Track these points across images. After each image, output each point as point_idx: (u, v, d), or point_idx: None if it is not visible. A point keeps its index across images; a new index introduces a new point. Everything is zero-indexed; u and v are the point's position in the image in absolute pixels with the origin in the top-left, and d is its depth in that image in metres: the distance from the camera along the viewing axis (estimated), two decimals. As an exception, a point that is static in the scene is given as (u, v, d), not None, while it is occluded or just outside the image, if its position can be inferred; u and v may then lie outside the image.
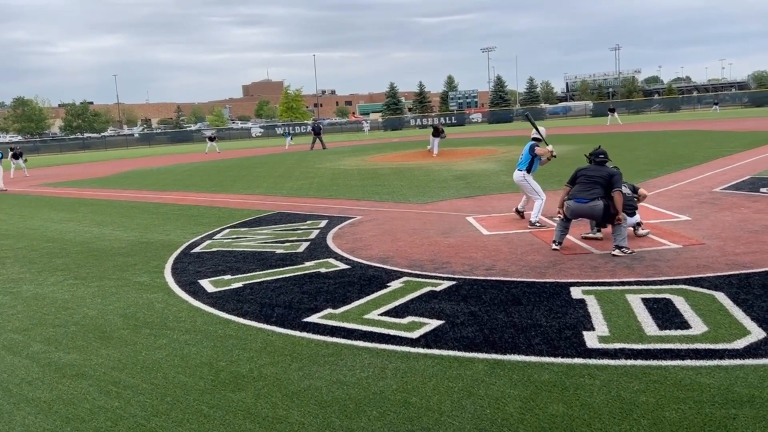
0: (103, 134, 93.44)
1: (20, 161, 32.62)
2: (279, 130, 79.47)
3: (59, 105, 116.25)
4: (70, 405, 4.56)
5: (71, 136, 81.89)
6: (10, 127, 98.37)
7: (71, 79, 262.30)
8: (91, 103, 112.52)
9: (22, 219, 15.47)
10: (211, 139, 50.22)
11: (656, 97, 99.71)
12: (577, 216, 8.32)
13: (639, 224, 8.97)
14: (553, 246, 8.32)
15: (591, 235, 8.96)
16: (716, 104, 68.80)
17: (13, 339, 6.17)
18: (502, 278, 7.15)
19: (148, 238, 11.37)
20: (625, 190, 8.77)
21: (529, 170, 10.38)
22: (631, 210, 8.70)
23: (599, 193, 7.99)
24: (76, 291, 7.90)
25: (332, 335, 5.63)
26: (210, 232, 11.55)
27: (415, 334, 5.48)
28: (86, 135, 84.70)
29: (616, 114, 55.47)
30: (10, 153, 33.11)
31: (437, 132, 29.22)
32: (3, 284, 8.51)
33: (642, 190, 9.44)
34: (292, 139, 52.17)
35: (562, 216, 8.38)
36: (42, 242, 11.77)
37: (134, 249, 10.46)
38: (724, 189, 12.89)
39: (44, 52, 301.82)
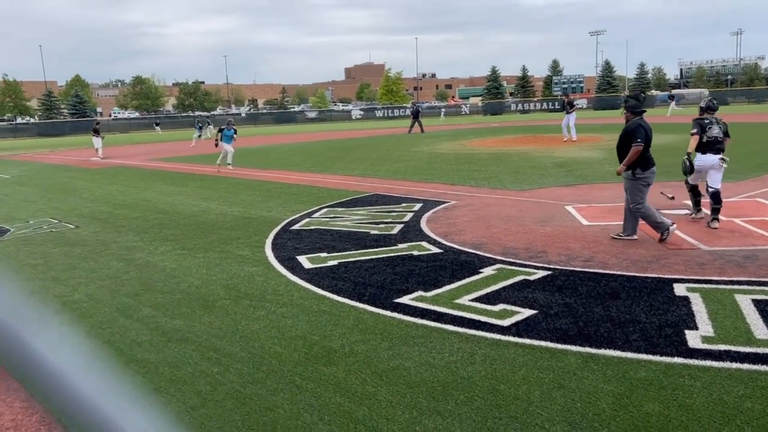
0: (212, 113, 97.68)
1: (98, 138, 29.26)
2: (378, 113, 79.94)
3: (173, 84, 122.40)
4: (174, 368, 4.85)
5: (183, 114, 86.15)
6: (129, 104, 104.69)
7: (183, 60, 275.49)
8: (203, 82, 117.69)
9: (137, 191, 16.49)
10: (208, 124, 40.41)
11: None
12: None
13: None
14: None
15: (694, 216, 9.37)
16: None
17: (126, 303, 6.62)
18: (600, 270, 6.93)
19: (251, 214, 11.83)
20: (717, 131, 8.88)
21: None
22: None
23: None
24: (183, 261, 8.36)
25: (422, 317, 5.66)
26: (309, 210, 11.86)
27: (506, 322, 5.42)
28: (197, 113, 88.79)
29: (673, 104, 50.84)
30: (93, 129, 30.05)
31: (570, 105, 25.90)
32: (119, 251, 9.14)
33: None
34: (202, 134, 37.60)
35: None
36: (154, 213, 12.51)
37: (237, 224, 10.92)
38: None
39: (158, 33, 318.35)
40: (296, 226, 10.33)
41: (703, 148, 8.88)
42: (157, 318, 6.07)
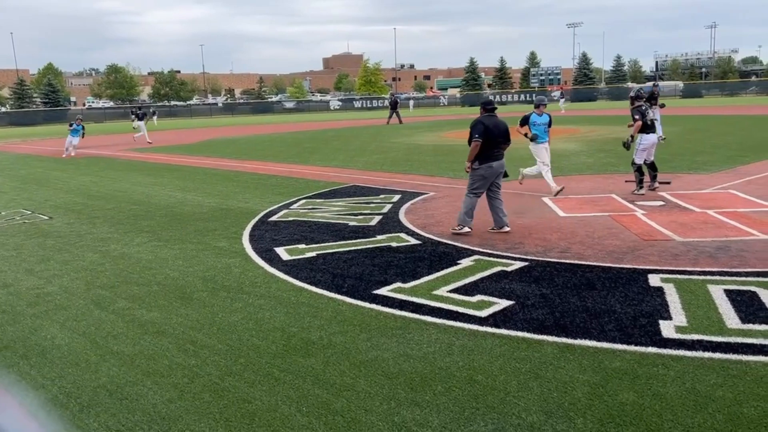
0: (188, 102, 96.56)
1: (142, 123, 31.26)
2: (357, 104, 79.66)
3: (149, 73, 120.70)
4: (150, 360, 4.81)
5: (159, 104, 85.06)
6: (103, 94, 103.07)
7: (159, 49, 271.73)
8: (178, 72, 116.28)
9: (111, 182, 16.28)
10: (140, 117, 32.16)
11: (753, 78, 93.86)
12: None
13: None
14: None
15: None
16: None
17: (101, 295, 6.54)
18: (576, 261, 7.00)
19: (228, 205, 11.75)
20: (652, 115, 11.12)
21: None
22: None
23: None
24: (159, 252, 8.27)
25: (401, 309, 5.68)
26: (287, 201, 11.81)
27: (483, 313, 5.46)
28: (173, 103, 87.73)
29: (563, 101, 50.01)
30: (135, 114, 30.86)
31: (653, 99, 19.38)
32: (94, 243, 9.02)
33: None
34: (76, 136, 24.93)
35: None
36: (129, 204, 12.36)
37: (215, 215, 10.84)
38: (824, 179, 12.08)
39: (134, 21, 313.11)
40: (274, 218, 10.28)
41: (646, 129, 10.85)
42: (133, 310, 6.01)
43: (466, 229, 8.47)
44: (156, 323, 5.62)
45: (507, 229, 8.46)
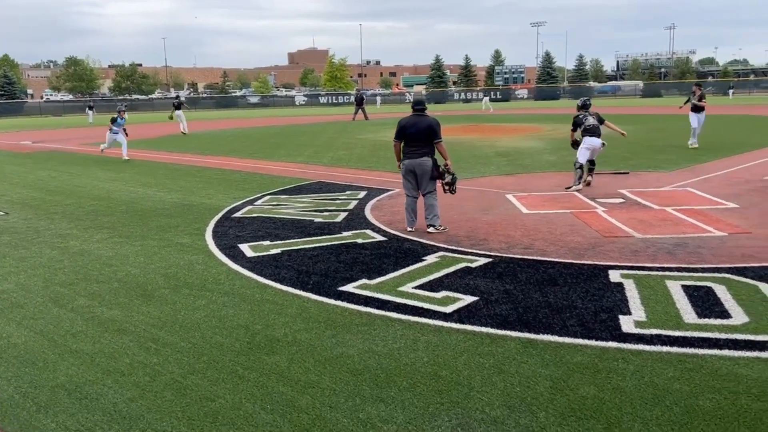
0: (150, 96, 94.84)
1: (180, 112, 30.37)
2: (322, 99, 79.46)
3: (109, 66, 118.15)
4: (111, 358, 4.72)
5: (119, 97, 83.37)
6: (62, 86, 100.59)
7: (120, 41, 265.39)
8: (140, 65, 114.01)
9: (71, 177, 15.92)
10: (90, 107, 41.36)
11: (710, 79, 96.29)
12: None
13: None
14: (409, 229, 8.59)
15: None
16: (731, 88, 65.22)
17: (60, 292, 6.40)
18: (539, 258, 7.10)
19: (191, 201, 11.59)
20: (592, 120, 11.67)
21: None
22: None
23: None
24: (120, 249, 8.12)
25: (366, 305, 5.68)
26: (251, 197, 11.71)
27: (448, 309, 5.50)
28: (134, 96, 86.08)
29: (486, 99, 49.39)
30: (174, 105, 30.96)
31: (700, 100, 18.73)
32: (52, 239, 8.81)
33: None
34: (118, 133, 19.95)
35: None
36: (89, 200, 12.10)
37: (177, 211, 10.68)
38: (777, 177, 12.46)
39: (93, 13, 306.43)
40: (238, 214, 10.18)
41: (588, 133, 11.61)
42: (93, 308, 5.88)
43: (408, 229, 8.53)
44: (116, 321, 5.52)
45: (431, 230, 8.37)
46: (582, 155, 11.67)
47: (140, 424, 3.76)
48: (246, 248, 7.87)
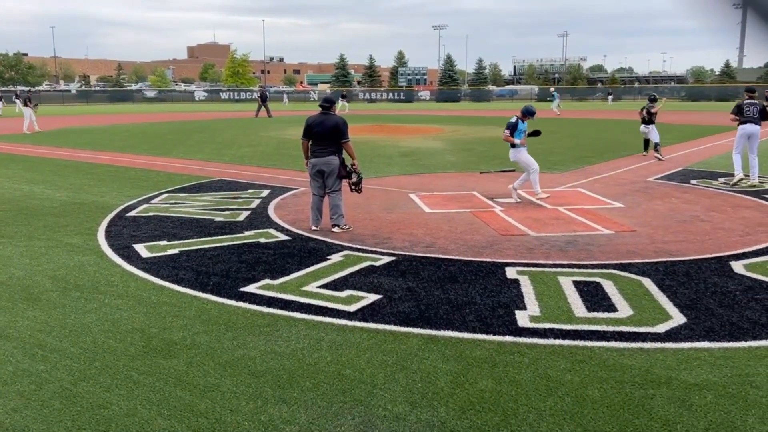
0: (37, 88, 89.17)
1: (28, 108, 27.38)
2: (224, 95, 77.55)
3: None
4: (-9, 367, 4.40)
5: (3, 89, 77.76)
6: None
7: (3, 28, 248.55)
8: (26, 54, 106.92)
9: (-55, 172, 14.70)
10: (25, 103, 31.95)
11: (599, 85, 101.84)
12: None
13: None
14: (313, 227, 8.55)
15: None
16: (610, 94, 69.34)
17: (-68, 297, 5.89)
18: (440, 256, 7.25)
19: (82, 199, 11.00)
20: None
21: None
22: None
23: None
24: (2, 250, 7.59)
25: (269, 306, 5.61)
26: (147, 196, 11.26)
27: (352, 308, 5.52)
28: (18, 88, 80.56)
29: (344, 102, 45.35)
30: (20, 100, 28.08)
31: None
32: None
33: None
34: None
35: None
36: (-34, 198, 11.22)
37: (66, 209, 10.11)
38: (658, 179, 13.37)
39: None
40: (133, 213, 9.76)
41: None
42: (-30, 314, 5.46)
43: (313, 228, 8.53)
44: (-2, 327, 5.15)
45: (336, 229, 8.40)
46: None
47: (24, 436, 3.53)
48: (141, 248, 7.56)
